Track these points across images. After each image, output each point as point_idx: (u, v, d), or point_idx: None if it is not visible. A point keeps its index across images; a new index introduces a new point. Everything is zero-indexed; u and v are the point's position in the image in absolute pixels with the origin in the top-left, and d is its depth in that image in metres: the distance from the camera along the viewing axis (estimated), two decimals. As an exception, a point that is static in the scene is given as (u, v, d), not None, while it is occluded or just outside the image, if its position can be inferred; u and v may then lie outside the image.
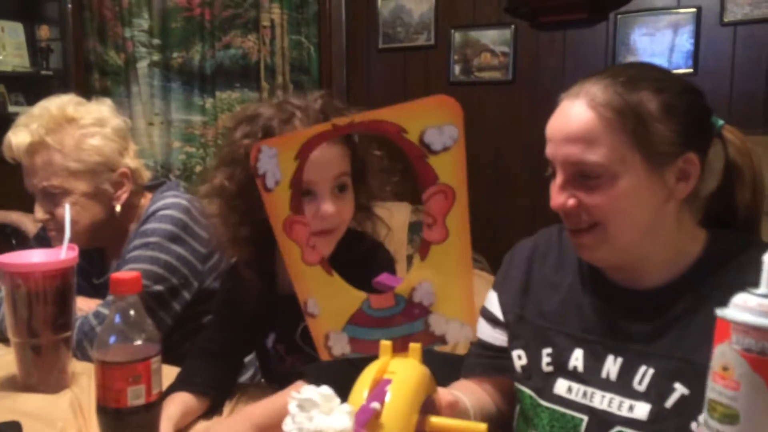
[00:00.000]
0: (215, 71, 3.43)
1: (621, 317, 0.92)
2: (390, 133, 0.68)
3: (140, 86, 3.47)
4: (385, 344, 0.70)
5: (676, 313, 0.88)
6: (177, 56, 3.47)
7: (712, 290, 0.85)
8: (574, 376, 0.93)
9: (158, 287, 1.31)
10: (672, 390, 0.84)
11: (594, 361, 0.91)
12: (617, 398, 0.88)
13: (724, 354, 0.58)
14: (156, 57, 3.48)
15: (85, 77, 3.51)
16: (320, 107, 1.06)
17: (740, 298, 0.59)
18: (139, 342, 0.83)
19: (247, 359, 1.35)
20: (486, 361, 1.07)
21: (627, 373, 0.88)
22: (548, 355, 0.96)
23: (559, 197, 0.88)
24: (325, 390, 0.59)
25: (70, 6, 3.50)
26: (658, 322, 0.89)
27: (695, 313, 0.86)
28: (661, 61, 2.66)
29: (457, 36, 3.11)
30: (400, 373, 0.67)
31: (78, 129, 1.34)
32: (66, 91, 1.41)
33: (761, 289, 0.59)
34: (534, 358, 0.97)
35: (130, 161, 1.41)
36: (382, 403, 0.62)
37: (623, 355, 0.90)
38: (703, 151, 0.89)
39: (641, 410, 0.86)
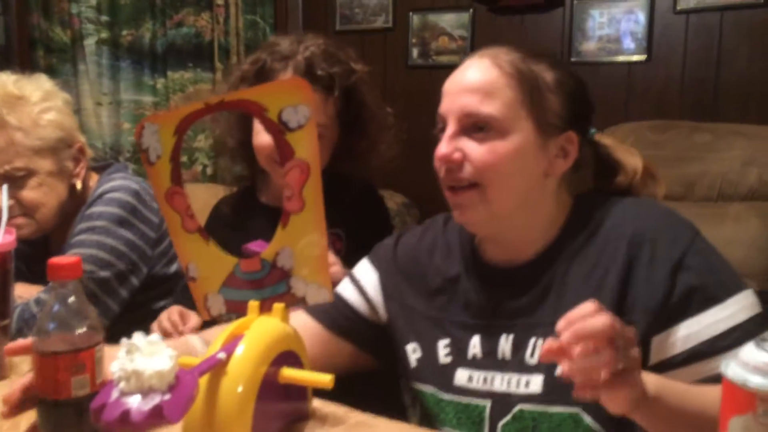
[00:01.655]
0: (167, 50, 3.33)
1: (505, 295, 0.93)
2: (254, 112, 0.76)
3: (87, 65, 3.35)
4: (253, 304, 0.80)
5: (551, 279, 0.90)
6: (126, 34, 3.36)
7: (580, 250, 0.90)
8: (473, 364, 0.93)
9: (104, 273, 1.26)
10: None
11: (489, 344, 0.92)
12: (515, 376, 0.89)
13: (748, 428, 0.48)
14: (104, 34, 3.36)
15: (30, 54, 3.36)
16: (307, 57, 1.15)
17: (753, 356, 0.49)
18: (81, 330, 0.80)
19: None
20: (333, 313, 1.04)
21: (519, 348, 0.90)
22: (446, 346, 0.96)
23: (446, 147, 0.88)
24: (154, 337, 0.63)
25: (12, -21, 3.35)
26: (536, 291, 0.91)
27: (567, 276, 0.89)
28: (615, 47, 2.68)
29: (415, 19, 3.09)
30: (254, 329, 0.75)
31: (30, 106, 1.28)
32: (8, 69, 1.35)
33: None
34: (429, 351, 0.97)
35: (80, 136, 1.36)
36: (230, 354, 0.70)
37: (513, 332, 0.91)
38: (581, 136, 0.93)
39: (536, 383, 0.87)
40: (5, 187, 1.12)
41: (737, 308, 0.82)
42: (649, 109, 2.58)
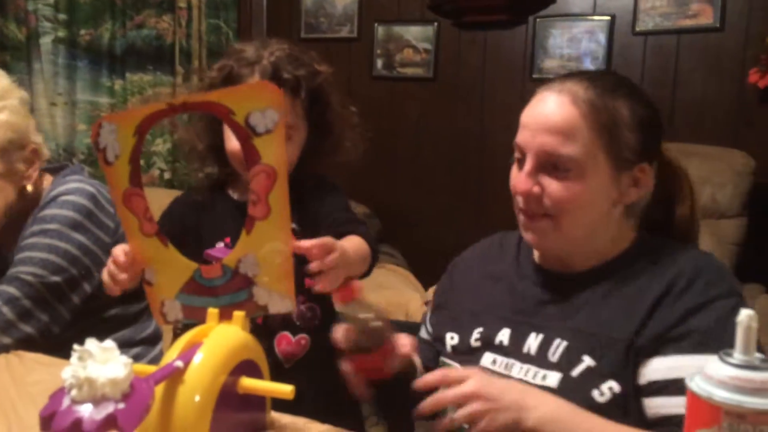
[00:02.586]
0: (126, 51, 3.26)
1: (546, 298, 0.99)
2: (221, 114, 0.74)
3: (43, 63, 3.25)
4: (212, 312, 0.78)
5: (593, 294, 0.95)
6: (84, 33, 3.27)
7: (630, 278, 0.94)
8: (499, 350, 0.98)
9: (56, 278, 1.21)
10: (580, 361, 0.90)
11: (518, 338, 0.97)
12: (533, 369, 0.93)
13: None
14: (61, 33, 3.27)
15: (-19, 51, 3.25)
16: (273, 62, 1.14)
17: (717, 370, 0.50)
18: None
19: None
20: (432, 356, 1.12)
21: (544, 347, 0.95)
22: (478, 332, 1.01)
23: (527, 183, 0.93)
24: (108, 343, 0.61)
25: (-35, -27, 3.24)
26: (575, 301, 0.96)
27: (610, 296, 0.94)
28: (576, 65, 2.74)
29: (380, 30, 3.09)
30: (213, 337, 0.73)
31: None
32: (-41, 66, 1.29)
33: (739, 356, 0.50)
34: (464, 337, 1.03)
35: (35, 137, 1.31)
36: (187, 362, 0.68)
37: (544, 332, 0.96)
38: (653, 163, 0.97)
39: (552, 379, 0.91)
40: None
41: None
42: (607, 127, 2.64)
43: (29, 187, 1.30)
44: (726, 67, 2.51)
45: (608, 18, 2.68)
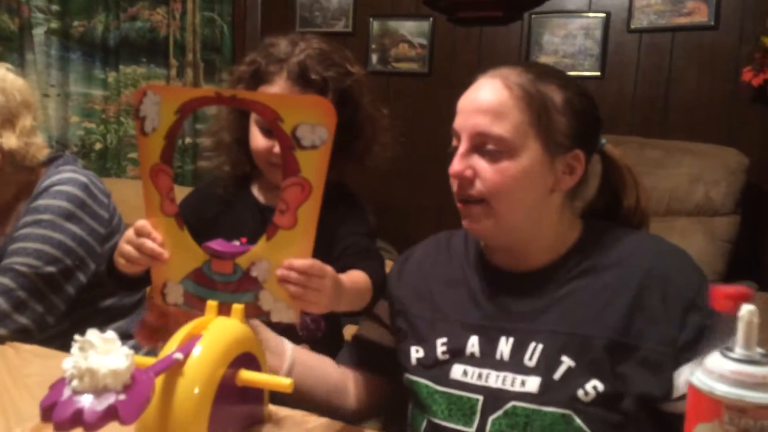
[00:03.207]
0: (120, 43, 3.24)
1: (508, 299, 0.98)
2: (267, 118, 0.73)
3: (36, 55, 3.22)
4: (211, 304, 0.78)
5: (557, 292, 0.95)
6: (78, 25, 3.25)
7: (588, 270, 0.95)
8: (470, 360, 0.97)
9: (50, 268, 1.21)
10: (560, 363, 0.90)
11: (489, 344, 0.96)
12: (510, 375, 0.93)
13: None
14: (54, 24, 3.24)
15: (-27, 42, 3.23)
16: (300, 61, 1.12)
17: (718, 365, 0.50)
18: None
19: None
20: (362, 352, 1.12)
21: (518, 351, 0.94)
22: (443, 344, 0.99)
23: (459, 164, 0.94)
24: (109, 334, 0.61)
25: (-44, -38, 3.21)
26: (541, 301, 0.96)
27: (574, 292, 0.95)
28: (571, 62, 2.74)
29: (375, 25, 3.09)
30: (212, 329, 0.73)
31: None
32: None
33: (740, 350, 0.50)
34: (429, 349, 1.01)
35: (9, 141, 1.28)
36: (187, 354, 0.68)
37: (513, 335, 0.95)
38: (588, 153, 0.98)
39: (532, 384, 0.90)
40: None
41: None
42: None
43: None
44: (720, 65, 2.52)
45: (603, 15, 2.68)
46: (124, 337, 1.37)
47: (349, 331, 1.33)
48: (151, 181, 0.81)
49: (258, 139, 1.16)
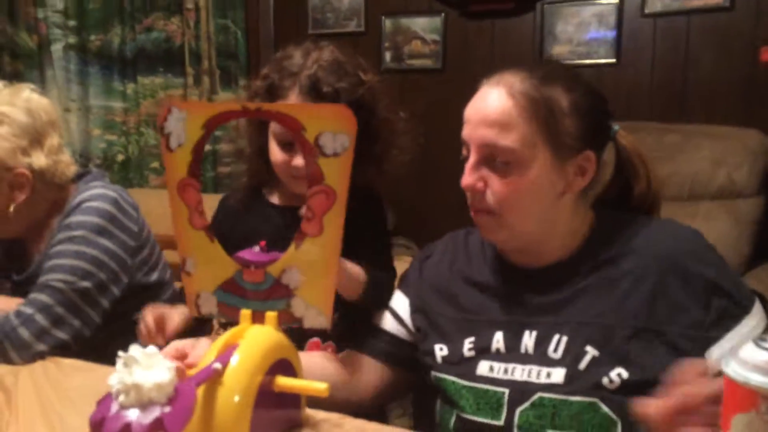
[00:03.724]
0: (137, 55, 3.29)
1: (528, 295, 0.99)
2: (291, 127, 0.75)
3: (55, 70, 3.29)
4: (245, 313, 0.80)
5: (577, 284, 0.96)
6: (95, 39, 3.31)
7: (607, 261, 0.96)
8: (496, 356, 0.98)
9: (85, 283, 1.24)
10: (584, 353, 0.92)
11: (513, 339, 0.98)
12: (536, 368, 0.94)
13: (751, 425, 0.49)
14: (72, 39, 3.30)
15: (-5, 60, 3.30)
16: (312, 74, 1.13)
17: (752, 355, 0.50)
18: None
19: None
20: (378, 344, 1.13)
21: (542, 344, 0.95)
22: (470, 342, 1.01)
23: (469, 177, 0.95)
24: (151, 349, 0.63)
25: (-25, -16, 3.28)
26: (561, 293, 0.97)
27: (592, 283, 0.95)
28: (585, 50, 2.73)
29: (387, 23, 3.10)
30: (248, 338, 0.75)
31: None
32: (-27, 76, 1.31)
33: None
34: (455, 348, 1.02)
35: (38, 160, 1.31)
36: (225, 364, 0.70)
37: (536, 329, 0.96)
38: (600, 150, 0.98)
39: (558, 375, 0.92)
40: None
41: (760, 313, 0.92)
42: (619, 111, 2.56)
43: (10, 209, 1.30)
44: (737, 46, 2.50)
45: (616, 1, 2.66)
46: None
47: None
48: (179, 196, 0.83)
49: (276, 153, 1.18)
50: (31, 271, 1.33)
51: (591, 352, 0.91)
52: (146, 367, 0.62)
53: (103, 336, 1.32)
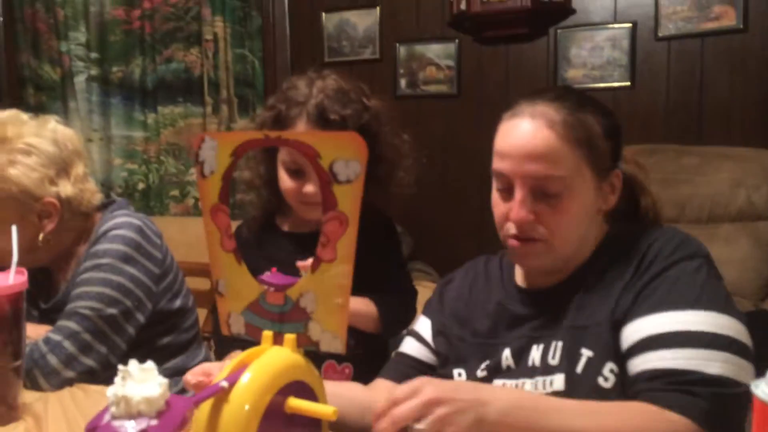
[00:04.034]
0: (157, 85, 3.36)
1: (539, 312, 1.02)
2: (308, 155, 0.77)
3: (78, 101, 3.37)
4: (267, 334, 0.82)
5: (578, 292, 0.98)
6: (116, 70, 3.38)
7: (605, 268, 0.97)
8: (507, 373, 1.00)
9: (111, 310, 1.26)
10: (580, 356, 0.93)
11: (521, 354, 1.00)
12: (541, 379, 0.96)
13: None
14: (94, 71, 3.39)
15: (19, 92, 3.38)
16: (318, 103, 1.17)
17: None
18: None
19: None
20: (402, 369, 1.13)
21: (545, 354, 0.97)
22: (485, 365, 1.03)
23: (521, 211, 0.95)
24: (148, 365, 0.65)
25: (1, 19, 3.37)
26: (565, 305, 0.99)
27: (592, 289, 0.97)
28: (599, 74, 2.75)
29: (402, 50, 3.14)
30: (262, 359, 0.76)
31: (4, 154, 1.28)
32: (-2, 108, 1.35)
33: None
34: (472, 372, 1.04)
35: (65, 189, 1.34)
36: (233, 382, 0.71)
37: (543, 342, 0.99)
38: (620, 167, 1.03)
39: (559, 382, 0.93)
40: (14, 228, 1.13)
41: (696, 320, 0.87)
42: (634, 134, 2.63)
43: (40, 237, 1.32)
44: (752, 67, 2.51)
45: (630, 25, 2.69)
46: (181, 372, 1.42)
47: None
48: (212, 220, 0.86)
49: (285, 181, 1.22)
50: (59, 298, 1.35)
51: (586, 353, 0.93)
52: (139, 381, 0.64)
53: (128, 362, 1.33)
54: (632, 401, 0.85)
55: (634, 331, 0.89)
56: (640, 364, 0.87)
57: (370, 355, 1.31)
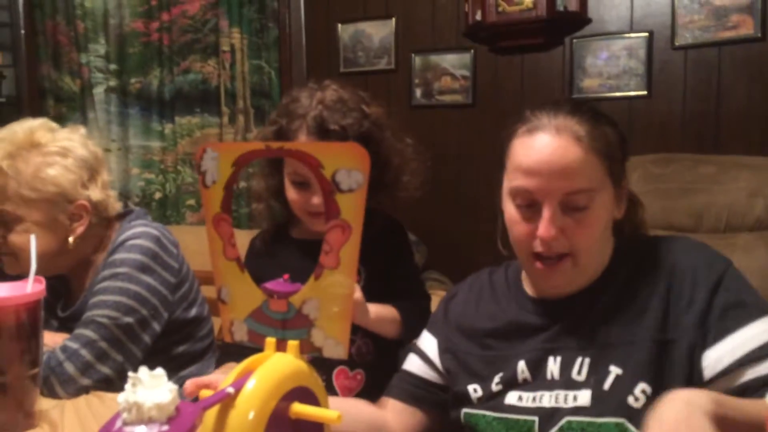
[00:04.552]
0: (174, 96, 3.39)
1: (552, 323, 1.01)
2: (310, 165, 0.79)
3: (97, 112, 3.41)
4: (270, 341, 0.82)
5: (597, 308, 0.98)
6: (135, 81, 3.43)
7: (624, 283, 0.98)
8: (523, 386, 0.99)
9: (128, 319, 1.27)
10: (608, 373, 0.92)
11: (537, 366, 0.99)
12: (562, 393, 0.95)
13: None
14: (113, 82, 3.43)
15: (40, 104, 3.43)
16: (317, 115, 1.19)
17: None
18: None
19: None
20: (407, 387, 1.13)
21: (566, 368, 0.96)
22: (499, 377, 1.02)
23: (551, 229, 0.93)
24: (158, 371, 0.65)
25: (23, 32, 3.43)
26: (582, 319, 0.98)
27: (612, 306, 0.97)
28: (616, 83, 2.74)
29: (417, 60, 3.15)
30: (267, 365, 0.76)
31: (40, 156, 1.31)
32: (19, 119, 1.38)
33: None
34: (486, 386, 1.03)
35: (95, 193, 1.37)
36: (239, 388, 0.71)
37: (560, 354, 0.98)
38: None
39: (584, 398, 0.93)
40: (33, 236, 1.15)
41: None
42: (651, 143, 2.62)
43: (71, 241, 1.35)
44: (770, 76, 2.49)
45: (646, 34, 2.68)
46: (197, 381, 1.43)
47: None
48: (215, 229, 0.87)
49: (292, 192, 1.24)
50: (77, 307, 1.37)
51: (614, 371, 0.92)
52: (150, 387, 0.65)
53: (143, 371, 1.34)
54: None
55: (729, 351, 0.89)
56: (745, 375, 0.87)
57: (382, 361, 1.31)
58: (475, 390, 1.04)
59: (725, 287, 0.92)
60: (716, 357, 0.89)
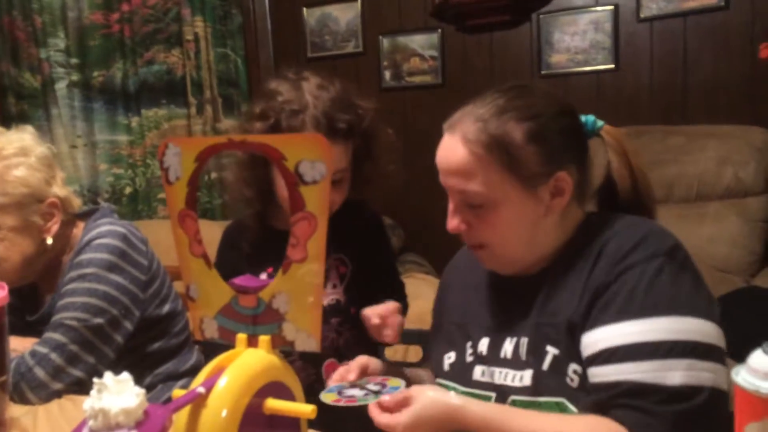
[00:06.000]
0: (139, 88, 3.33)
1: (513, 301, 1.01)
2: (273, 157, 0.78)
3: (60, 108, 3.33)
4: (241, 337, 0.82)
5: (548, 286, 0.97)
6: (98, 75, 3.35)
7: (572, 261, 0.95)
8: (484, 360, 1.01)
9: (98, 320, 1.25)
10: (545, 353, 0.93)
11: (496, 345, 1.00)
12: (511, 372, 0.96)
13: None
14: (75, 77, 3.35)
15: (1, 102, 3.34)
16: (323, 112, 1.16)
17: (762, 363, 0.50)
18: None
19: None
20: None
21: (517, 349, 0.97)
22: (470, 346, 1.04)
23: (452, 221, 0.99)
24: (124, 376, 0.64)
25: (-22, 28, 3.33)
26: (535, 298, 0.98)
27: (558, 282, 0.96)
28: (584, 57, 2.74)
29: (385, 42, 3.12)
30: (238, 362, 0.76)
31: (0, 160, 1.27)
32: (-22, 118, 1.34)
33: None
34: (460, 355, 1.05)
35: (59, 190, 1.34)
36: (210, 387, 0.71)
37: (516, 334, 0.98)
38: (579, 163, 0.98)
39: (527, 378, 0.94)
40: None
41: (654, 328, 0.85)
42: (620, 116, 2.62)
43: (49, 240, 1.32)
44: (735, 44, 2.50)
45: (611, 7, 2.68)
46: (173, 377, 1.41)
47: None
48: (180, 226, 0.86)
49: (282, 188, 1.21)
50: (44, 310, 1.34)
51: (551, 351, 0.92)
52: (116, 393, 0.63)
53: (118, 371, 1.32)
54: (595, 416, 0.85)
55: (594, 341, 0.88)
56: (600, 375, 0.86)
57: (366, 352, 1.31)
58: (449, 357, 1.06)
59: (635, 275, 0.87)
60: (586, 342, 0.89)
